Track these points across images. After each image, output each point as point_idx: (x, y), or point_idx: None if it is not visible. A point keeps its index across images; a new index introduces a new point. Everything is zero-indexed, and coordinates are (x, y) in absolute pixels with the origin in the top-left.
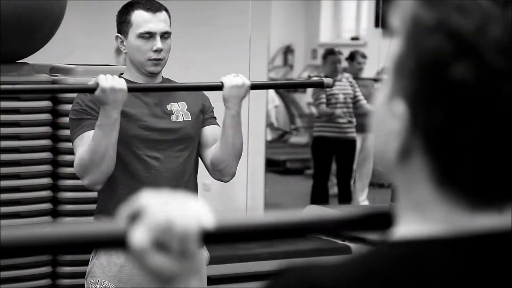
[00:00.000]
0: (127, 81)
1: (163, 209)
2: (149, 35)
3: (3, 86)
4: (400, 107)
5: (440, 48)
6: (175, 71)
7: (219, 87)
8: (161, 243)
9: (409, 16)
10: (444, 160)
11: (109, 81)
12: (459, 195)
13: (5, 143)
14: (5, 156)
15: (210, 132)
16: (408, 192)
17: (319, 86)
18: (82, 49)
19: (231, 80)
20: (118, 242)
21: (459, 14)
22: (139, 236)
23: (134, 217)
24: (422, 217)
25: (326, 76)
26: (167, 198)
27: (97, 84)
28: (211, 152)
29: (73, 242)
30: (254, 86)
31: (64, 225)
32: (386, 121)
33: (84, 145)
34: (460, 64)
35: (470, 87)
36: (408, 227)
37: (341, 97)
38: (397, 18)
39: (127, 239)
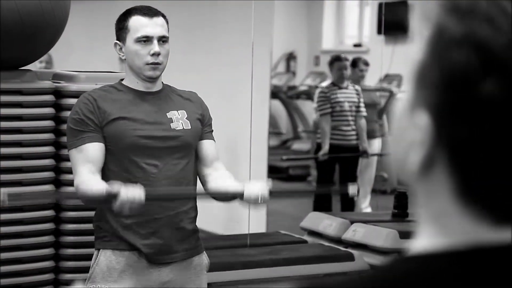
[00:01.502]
0: (126, 87)
1: None
2: (146, 39)
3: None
4: (423, 119)
5: (468, 62)
6: (177, 77)
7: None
8: None
9: (434, 24)
10: (467, 174)
11: (129, 200)
12: (480, 210)
13: (7, 150)
14: (7, 163)
15: (206, 148)
16: (428, 203)
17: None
18: (85, 56)
19: (250, 194)
20: None
21: (488, 26)
22: None
23: None
24: (442, 230)
25: (332, 83)
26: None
27: (117, 195)
28: (206, 168)
29: None
30: (273, 194)
31: None
32: (408, 131)
33: (83, 164)
34: (488, 80)
35: (498, 104)
36: (427, 239)
37: (346, 105)
38: (420, 23)
39: None
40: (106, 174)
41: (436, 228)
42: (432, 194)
